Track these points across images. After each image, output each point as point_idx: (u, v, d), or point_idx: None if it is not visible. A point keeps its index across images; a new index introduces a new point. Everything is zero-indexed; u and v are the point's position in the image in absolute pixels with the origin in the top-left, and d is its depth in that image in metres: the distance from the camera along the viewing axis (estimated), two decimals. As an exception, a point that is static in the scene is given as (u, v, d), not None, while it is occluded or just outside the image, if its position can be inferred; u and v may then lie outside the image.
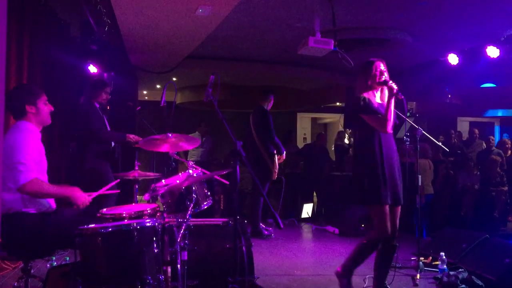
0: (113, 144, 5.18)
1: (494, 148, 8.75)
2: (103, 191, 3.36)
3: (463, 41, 6.91)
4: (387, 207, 3.47)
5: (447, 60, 7.13)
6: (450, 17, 5.97)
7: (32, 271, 3.06)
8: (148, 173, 4.15)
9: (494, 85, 9.69)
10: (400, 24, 6.40)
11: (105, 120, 5.22)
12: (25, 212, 2.97)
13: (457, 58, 7.06)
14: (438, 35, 6.75)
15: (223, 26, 5.99)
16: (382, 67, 3.61)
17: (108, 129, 5.20)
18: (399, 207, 3.60)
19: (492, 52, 6.38)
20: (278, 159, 6.43)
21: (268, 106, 6.60)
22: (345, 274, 3.67)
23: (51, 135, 5.48)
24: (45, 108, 3.16)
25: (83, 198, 3.07)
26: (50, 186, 3.03)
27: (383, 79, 3.55)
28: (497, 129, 12.69)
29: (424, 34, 6.70)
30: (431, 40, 6.97)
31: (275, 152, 6.40)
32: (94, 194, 3.22)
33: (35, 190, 2.93)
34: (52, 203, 3.17)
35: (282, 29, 6.63)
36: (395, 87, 3.47)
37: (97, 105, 5.21)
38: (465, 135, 10.12)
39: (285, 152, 6.51)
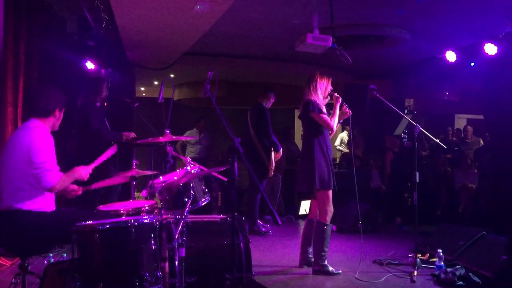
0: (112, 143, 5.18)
1: (491, 145, 8.76)
2: (101, 159, 3.41)
3: (461, 38, 6.91)
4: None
5: (445, 57, 7.13)
6: (448, 14, 5.97)
7: (29, 267, 3.06)
8: (145, 172, 4.14)
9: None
10: (398, 21, 6.40)
11: (105, 120, 5.20)
12: (23, 209, 2.97)
13: (455, 55, 7.06)
14: (436, 32, 6.74)
15: (221, 23, 5.97)
16: None
17: (109, 128, 5.18)
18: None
19: (490, 49, 6.38)
20: (275, 157, 6.43)
21: (268, 104, 6.57)
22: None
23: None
24: (61, 116, 3.30)
25: (86, 173, 3.24)
26: (67, 178, 3.13)
27: None
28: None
29: (422, 31, 6.69)
30: (429, 37, 6.97)
31: (272, 149, 6.39)
32: (94, 165, 3.33)
33: (62, 186, 3.08)
34: (52, 204, 3.17)
35: (280, 26, 6.62)
36: None
37: (98, 104, 5.19)
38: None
39: (281, 150, 6.50)
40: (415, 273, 4.32)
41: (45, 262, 4.18)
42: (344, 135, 11.35)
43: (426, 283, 4.21)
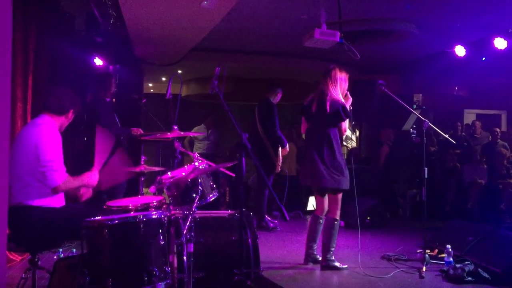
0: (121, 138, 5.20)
1: (499, 140, 8.70)
2: (100, 161, 3.43)
3: (470, 33, 6.85)
4: None
5: (454, 52, 7.08)
6: (457, 8, 5.91)
7: (39, 262, 3.08)
8: (153, 168, 4.15)
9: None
10: (406, 16, 6.35)
11: (115, 116, 5.22)
12: (32, 205, 2.99)
13: (464, 50, 7.01)
14: (445, 27, 6.69)
15: (228, 19, 5.97)
16: None
17: (119, 124, 5.20)
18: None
19: (500, 43, 6.33)
20: (282, 152, 6.42)
21: (275, 99, 6.56)
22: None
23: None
24: (71, 118, 3.34)
25: (94, 179, 3.25)
26: (74, 180, 3.14)
27: None
28: (504, 121, 12.58)
29: (430, 26, 6.64)
30: (438, 32, 6.91)
31: (278, 144, 6.39)
32: (97, 168, 3.34)
33: (67, 187, 3.09)
34: (62, 199, 3.20)
35: (287, 21, 6.60)
36: None
37: (108, 100, 5.20)
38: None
39: (287, 145, 6.49)
40: (424, 268, 4.31)
41: (55, 257, 4.23)
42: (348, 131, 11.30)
43: (435, 279, 4.20)
